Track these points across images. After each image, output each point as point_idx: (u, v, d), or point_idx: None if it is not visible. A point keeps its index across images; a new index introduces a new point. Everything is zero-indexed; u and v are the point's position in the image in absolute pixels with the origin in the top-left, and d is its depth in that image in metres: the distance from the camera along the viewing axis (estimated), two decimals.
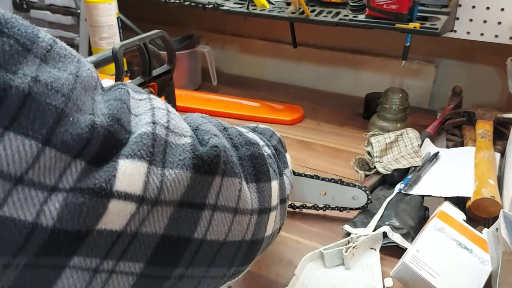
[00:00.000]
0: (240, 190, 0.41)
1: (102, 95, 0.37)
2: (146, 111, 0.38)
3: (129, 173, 0.33)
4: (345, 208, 0.77)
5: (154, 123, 0.36)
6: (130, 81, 0.83)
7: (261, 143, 0.50)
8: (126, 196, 0.32)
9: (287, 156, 0.60)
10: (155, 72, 0.87)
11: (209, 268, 0.41)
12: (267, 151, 0.51)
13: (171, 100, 0.96)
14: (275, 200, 0.48)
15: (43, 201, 0.30)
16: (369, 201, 0.76)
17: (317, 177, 0.75)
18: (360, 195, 0.75)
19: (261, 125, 0.56)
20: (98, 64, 0.78)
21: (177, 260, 0.38)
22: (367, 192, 0.75)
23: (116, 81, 0.77)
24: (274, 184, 0.48)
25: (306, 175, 0.75)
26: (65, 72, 0.33)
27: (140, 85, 0.84)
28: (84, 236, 0.31)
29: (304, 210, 0.78)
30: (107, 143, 0.33)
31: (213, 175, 0.38)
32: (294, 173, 0.75)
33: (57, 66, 0.32)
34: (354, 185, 0.75)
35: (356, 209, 0.77)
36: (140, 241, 0.34)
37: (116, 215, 0.32)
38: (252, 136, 0.49)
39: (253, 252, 0.47)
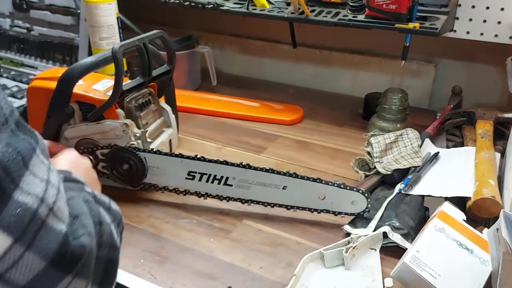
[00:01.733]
0: None
1: (9, 134, 0.36)
2: (43, 179, 0.38)
3: None
4: (340, 213, 0.76)
5: (42, 200, 0.36)
6: (129, 81, 0.83)
7: (118, 244, 0.49)
8: None
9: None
10: (155, 72, 0.87)
11: None
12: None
13: (171, 100, 0.96)
14: None
15: None
16: (367, 210, 0.75)
17: (316, 180, 0.75)
18: (359, 199, 0.75)
19: (114, 205, 0.52)
20: (98, 64, 0.78)
21: None
22: (368, 198, 0.74)
23: (116, 81, 0.77)
24: None
25: (304, 178, 0.75)
26: None
27: (140, 85, 0.84)
28: None
29: (301, 211, 0.78)
30: None
31: (66, 273, 0.38)
32: (291, 175, 0.75)
33: None
34: (357, 190, 0.74)
35: (351, 214, 0.76)
36: None
37: None
38: (116, 238, 0.48)
39: None
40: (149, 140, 0.85)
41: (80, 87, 0.81)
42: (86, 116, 0.81)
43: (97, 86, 0.84)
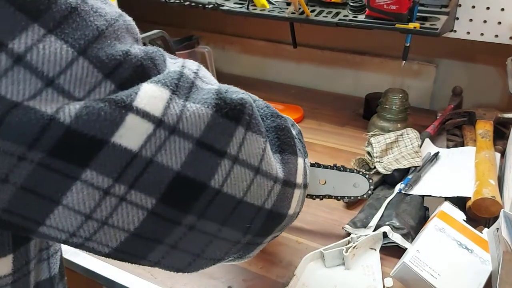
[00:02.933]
0: (264, 150, 0.40)
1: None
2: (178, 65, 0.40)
3: (150, 94, 0.34)
4: (343, 197, 0.75)
5: (183, 66, 0.38)
6: None
7: (289, 121, 0.49)
8: (144, 114, 0.33)
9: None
10: None
11: (222, 227, 0.39)
12: (293, 130, 0.49)
13: None
14: (300, 178, 0.46)
15: (67, 103, 0.32)
16: (370, 191, 0.73)
17: (314, 164, 0.73)
18: (361, 182, 0.73)
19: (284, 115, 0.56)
20: None
21: (190, 205, 0.37)
22: (370, 179, 0.73)
23: None
24: (300, 161, 0.46)
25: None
26: (109, 9, 0.35)
27: None
28: (99, 146, 0.32)
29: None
30: (138, 73, 0.34)
31: (236, 122, 0.37)
32: None
33: (104, 3, 0.35)
34: (358, 171, 0.73)
35: (355, 198, 0.75)
36: (155, 171, 0.34)
37: (133, 131, 0.33)
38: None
39: (272, 225, 0.44)
40: None
41: None
42: None
43: None
